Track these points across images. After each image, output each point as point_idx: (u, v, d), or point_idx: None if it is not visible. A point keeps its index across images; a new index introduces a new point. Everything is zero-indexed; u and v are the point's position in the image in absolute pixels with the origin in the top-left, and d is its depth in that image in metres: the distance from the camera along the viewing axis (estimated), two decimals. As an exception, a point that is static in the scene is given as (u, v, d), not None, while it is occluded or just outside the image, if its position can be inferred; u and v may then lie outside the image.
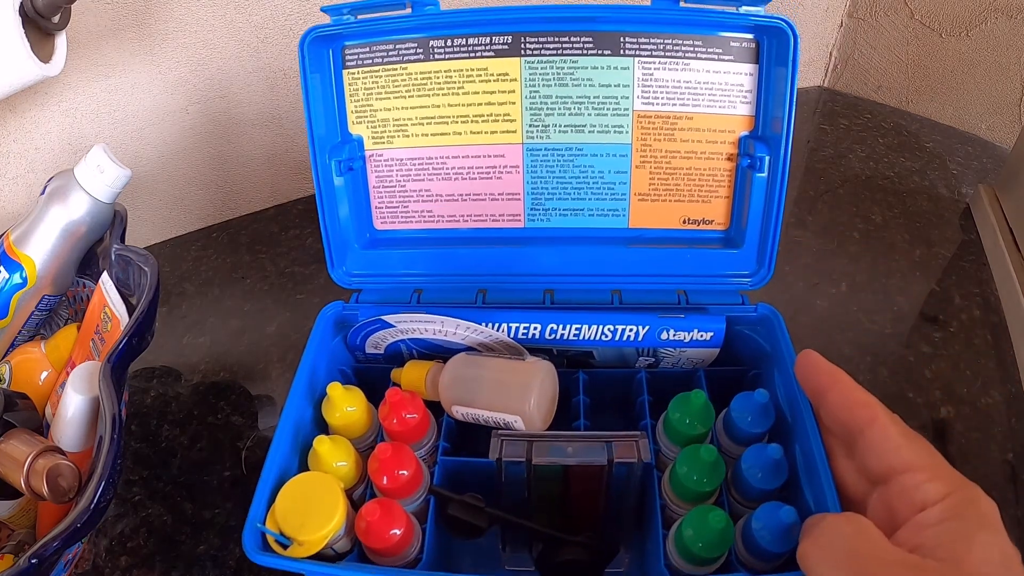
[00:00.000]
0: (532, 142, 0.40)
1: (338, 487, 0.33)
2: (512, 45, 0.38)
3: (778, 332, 0.37)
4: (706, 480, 0.32)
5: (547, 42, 0.37)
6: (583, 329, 0.39)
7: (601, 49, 0.37)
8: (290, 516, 0.31)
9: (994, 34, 0.67)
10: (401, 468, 0.33)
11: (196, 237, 0.65)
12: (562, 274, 0.41)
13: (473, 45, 0.38)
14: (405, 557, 0.33)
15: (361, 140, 0.41)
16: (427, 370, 0.39)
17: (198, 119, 0.59)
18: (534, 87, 0.38)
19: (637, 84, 0.37)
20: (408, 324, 0.39)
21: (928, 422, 0.44)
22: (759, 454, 0.32)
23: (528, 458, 0.32)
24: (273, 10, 0.57)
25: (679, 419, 0.34)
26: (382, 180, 0.42)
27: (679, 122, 0.38)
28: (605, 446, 0.32)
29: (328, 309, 0.41)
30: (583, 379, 0.39)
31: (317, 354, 0.39)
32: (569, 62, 0.37)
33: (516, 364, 0.38)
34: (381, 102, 0.39)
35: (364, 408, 0.37)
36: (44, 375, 0.43)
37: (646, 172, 0.40)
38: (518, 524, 0.35)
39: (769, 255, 0.39)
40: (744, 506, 0.33)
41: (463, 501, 0.34)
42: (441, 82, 0.38)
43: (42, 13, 0.39)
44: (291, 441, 0.35)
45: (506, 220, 0.42)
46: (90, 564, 0.39)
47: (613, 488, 0.33)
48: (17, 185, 0.55)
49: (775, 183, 0.37)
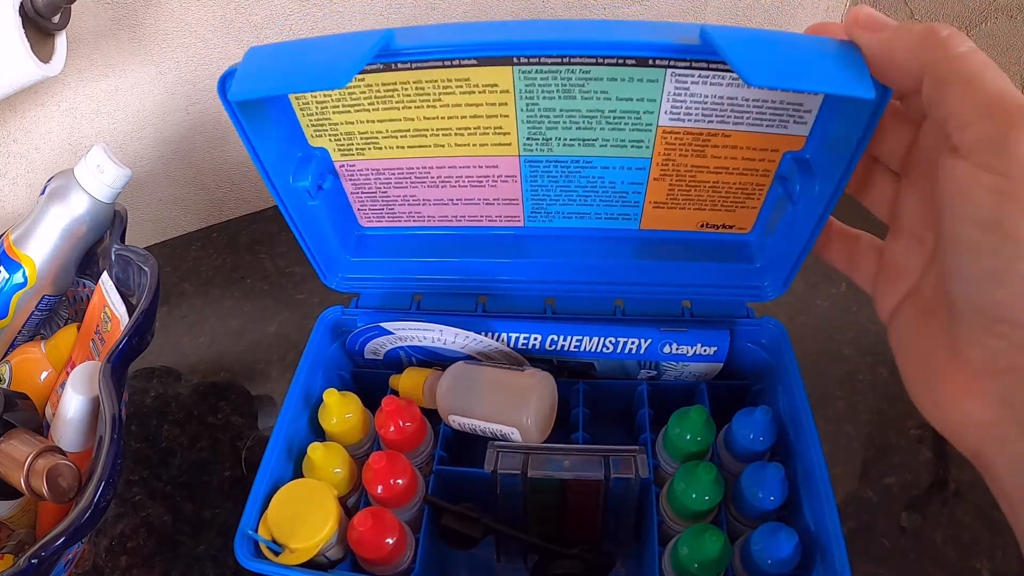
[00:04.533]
0: (531, 155, 0.34)
1: (332, 494, 0.32)
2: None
3: (783, 346, 0.36)
4: (705, 498, 0.31)
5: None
6: (584, 341, 0.37)
7: (623, 58, 0.29)
8: (283, 523, 0.31)
9: (994, 34, 0.67)
10: (396, 477, 0.33)
11: (196, 237, 0.65)
12: (564, 281, 0.39)
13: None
14: (398, 567, 0.33)
15: (326, 151, 0.35)
16: (425, 378, 0.38)
17: (198, 119, 0.59)
18: (532, 99, 0.31)
19: (666, 99, 0.30)
20: (406, 332, 0.38)
21: (928, 422, 0.44)
22: (759, 473, 0.32)
23: (524, 471, 0.32)
24: (273, 10, 0.57)
25: (679, 435, 0.34)
26: (360, 187, 0.37)
27: (713, 139, 0.32)
28: (602, 461, 0.32)
29: (327, 314, 0.40)
30: (583, 390, 0.38)
31: (315, 359, 0.39)
32: (579, 72, 0.30)
33: (514, 375, 0.37)
34: (340, 115, 0.33)
35: (360, 415, 0.37)
36: (44, 375, 0.43)
37: (665, 184, 0.35)
38: (513, 536, 0.34)
39: (789, 273, 0.35)
40: (743, 524, 0.33)
41: (458, 512, 0.34)
42: (411, 93, 0.31)
43: (42, 13, 0.39)
44: (285, 447, 0.35)
45: (504, 220, 0.39)
46: (90, 564, 0.39)
47: (610, 502, 0.33)
48: (17, 185, 0.55)
49: (814, 213, 0.30)
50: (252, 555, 0.30)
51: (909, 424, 0.44)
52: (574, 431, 0.38)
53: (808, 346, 0.50)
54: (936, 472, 0.41)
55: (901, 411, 0.45)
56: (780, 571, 0.29)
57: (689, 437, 0.34)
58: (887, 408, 0.45)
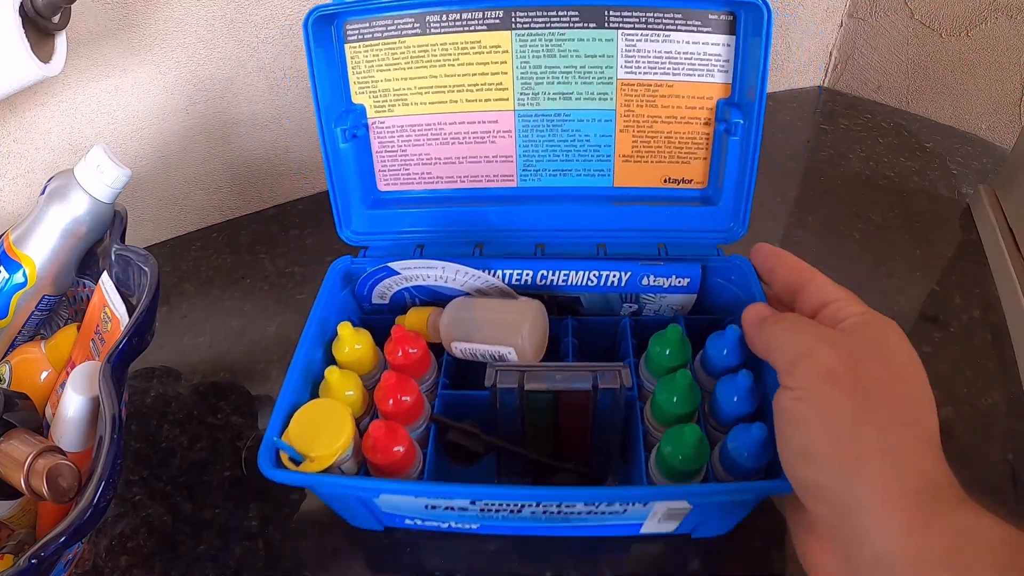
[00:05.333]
0: (523, 109, 0.43)
1: (347, 412, 0.35)
2: (503, 19, 0.40)
3: (751, 280, 0.40)
4: (684, 402, 0.35)
5: (536, 16, 0.40)
6: (571, 275, 0.42)
7: (587, 22, 0.40)
8: (302, 437, 0.34)
9: (994, 34, 0.67)
10: (404, 394, 0.36)
11: (196, 237, 0.65)
12: (552, 229, 0.45)
13: (467, 20, 0.40)
14: (407, 478, 0.35)
15: (363, 109, 0.44)
16: (428, 314, 0.42)
17: (198, 119, 0.59)
18: (524, 58, 0.41)
19: (621, 54, 0.40)
20: (412, 271, 0.42)
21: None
22: (731, 381, 0.35)
23: (520, 385, 0.35)
24: (273, 10, 0.57)
25: (659, 352, 0.38)
26: (384, 146, 0.45)
27: (660, 89, 0.41)
28: (591, 375, 0.35)
29: (337, 263, 0.44)
30: (572, 324, 0.42)
31: (327, 305, 0.42)
32: (557, 34, 0.40)
33: (509, 303, 0.41)
34: (381, 73, 0.42)
35: (371, 347, 0.40)
36: (44, 375, 0.43)
37: (629, 135, 0.43)
38: (512, 451, 0.37)
39: (744, 212, 0.42)
40: (720, 431, 0.36)
41: (462, 428, 0.37)
42: (437, 54, 0.41)
43: (42, 13, 0.39)
44: (302, 377, 0.38)
45: (500, 180, 0.46)
46: (90, 564, 0.39)
47: (599, 417, 0.36)
48: (17, 185, 0.55)
49: (748, 146, 0.40)
50: (274, 464, 0.33)
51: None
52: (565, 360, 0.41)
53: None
54: (936, 472, 0.41)
55: (901, 411, 0.45)
56: (754, 464, 0.32)
57: (668, 352, 0.38)
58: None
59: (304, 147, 0.66)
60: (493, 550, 0.39)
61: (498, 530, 0.38)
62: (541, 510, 0.33)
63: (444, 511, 0.35)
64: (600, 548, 0.38)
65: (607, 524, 0.36)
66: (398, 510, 0.36)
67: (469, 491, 0.32)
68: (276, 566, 0.39)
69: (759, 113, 0.39)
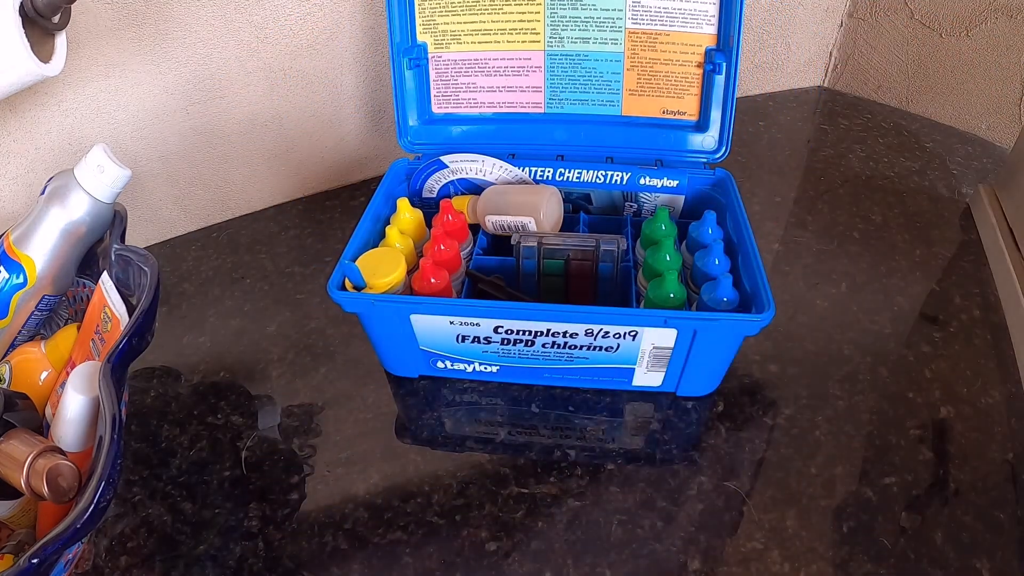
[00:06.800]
0: (551, 49, 0.55)
1: (402, 257, 0.46)
2: None
3: (731, 188, 0.51)
4: (666, 258, 0.45)
5: None
6: (583, 173, 0.54)
7: None
8: (367, 269, 0.45)
9: (994, 34, 0.67)
10: (447, 245, 0.47)
11: (196, 237, 0.65)
12: (570, 144, 0.57)
13: None
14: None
15: (425, 45, 0.56)
16: (469, 199, 0.54)
17: (198, 119, 0.59)
18: (553, 9, 0.53)
19: (629, 9, 0.52)
20: (458, 164, 0.55)
21: (928, 422, 0.44)
22: (708, 254, 0.45)
23: (540, 243, 0.47)
24: (273, 10, 0.57)
25: (652, 230, 0.49)
26: (440, 75, 0.57)
27: (660, 37, 0.53)
28: (596, 240, 0.47)
29: (396, 164, 0.56)
30: (584, 218, 0.54)
31: (386, 196, 0.54)
32: None
33: (532, 187, 0.54)
34: (441, 18, 0.55)
35: (421, 221, 0.52)
36: (44, 375, 0.43)
37: (635, 74, 0.55)
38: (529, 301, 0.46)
39: (727, 135, 0.54)
40: (697, 292, 0.44)
41: (490, 280, 0.48)
42: (486, 4, 0.54)
43: (42, 13, 0.39)
44: (364, 238, 0.49)
45: (530, 107, 0.58)
46: (90, 564, 0.39)
47: (602, 277, 0.47)
48: (17, 185, 0.55)
49: (730, 82, 0.52)
50: (338, 286, 0.43)
51: (909, 424, 0.44)
52: None
53: (808, 346, 0.50)
54: (936, 472, 0.41)
55: (901, 411, 0.45)
56: (723, 309, 0.41)
57: (664, 228, 0.48)
58: (887, 408, 0.45)
59: (304, 147, 0.66)
60: (514, 396, 0.48)
61: (514, 376, 0.48)
62: (551, 340, 0.43)
63: (471, 344, 0.44)
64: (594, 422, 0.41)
65: (604, 367, 0.45)
66: (432, 343, 0.45)
67: (491, 309, 0.42)
68: (276, 566, 0.39)
69: (736, 55, 0.51)
